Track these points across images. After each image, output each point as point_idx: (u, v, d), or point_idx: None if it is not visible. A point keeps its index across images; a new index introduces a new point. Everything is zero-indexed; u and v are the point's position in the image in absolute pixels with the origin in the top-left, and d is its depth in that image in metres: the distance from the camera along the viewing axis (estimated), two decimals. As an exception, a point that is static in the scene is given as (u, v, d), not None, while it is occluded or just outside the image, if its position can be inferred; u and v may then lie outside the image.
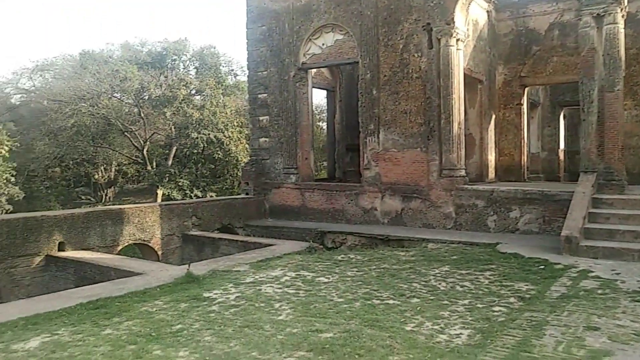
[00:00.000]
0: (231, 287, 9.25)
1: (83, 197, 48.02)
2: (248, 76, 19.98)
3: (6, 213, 30.53)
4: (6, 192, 30.42)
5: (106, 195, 48.91)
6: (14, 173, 31.82)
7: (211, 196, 37.09)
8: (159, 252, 15.39)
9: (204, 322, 7.17)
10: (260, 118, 19.40)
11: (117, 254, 14.00)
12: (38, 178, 42.22)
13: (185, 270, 10.11)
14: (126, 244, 14.65)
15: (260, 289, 9.02)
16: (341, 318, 7.20)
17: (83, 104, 37.35)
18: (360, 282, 9.31)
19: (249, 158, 22.23)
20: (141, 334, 6.72)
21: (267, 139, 19.32)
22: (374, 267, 10.62)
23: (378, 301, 8.08)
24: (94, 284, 10.38)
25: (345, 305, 7.84)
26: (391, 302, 8.04)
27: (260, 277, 9.96)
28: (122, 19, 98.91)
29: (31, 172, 40.20)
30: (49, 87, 43.46)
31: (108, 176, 49.20)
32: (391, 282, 9.26)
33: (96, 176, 47.56)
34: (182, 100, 37.47)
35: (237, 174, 41.16)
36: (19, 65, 73.11)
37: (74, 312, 7.89)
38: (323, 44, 17.65)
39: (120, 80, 37.09)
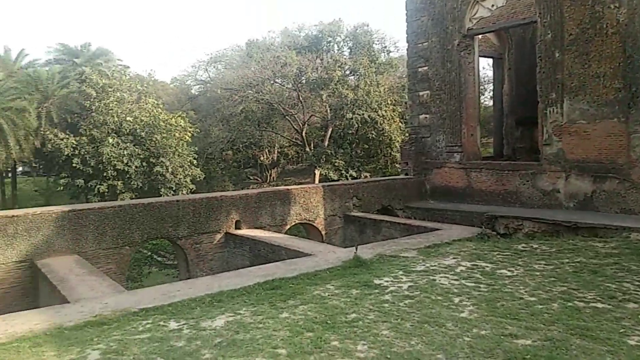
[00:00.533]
0: (402, 274, 8.70)
1: (251, 177, 52.30)
2: (407, 49, 19.02)
3: (190, 192, 34.47)
4: (190, 173, 34.28)
5: (270, 175, 52.58)
6: (196, 156, 35.67)
7: (365, 176, 37.23)
8: (323, 232, 15.61)
9: (378, 313, 6.74)
10: (420, 93, 18.38)
11: (285, 233, 14.52)
12: (214, 160, 46.96)
13: (353, 254, 9.86)
14: (293, 223, 15.13)
15: (434, 279, 8.31)
16: (538, 322, 6.14)
17: (250, 91, 40.20)
18: (553, 279, 7.99)
19: (407, 136, 21.40)
20: (317, 320, 6.55)
21: (427, 116, 18.25)
22: (567, 260, 9.10)
23: (582, 304, 6.76)
24: (267, 262, 10.77)
25: (540, 306, 6.71)
26: (600, 305, 6.67)
27: (432, 266, 9.23)
28: (284, 5, 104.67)
29: (209, 155, 44.85)
30: (221, 77, 47.79)
31: (272, 158, 52.78)
32: (594, 281, 7.76)
33: (262, 158, 51.36)
34: (337, 81, 37.96)
35: (390, 153, 40.62)
36: (197, 59, 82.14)
37: (253, 292, 8.15)
38: (493, 5, 15.83)
39: (281, 66, 38.94)
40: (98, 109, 32.12)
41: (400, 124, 39.64)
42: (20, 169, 52.30)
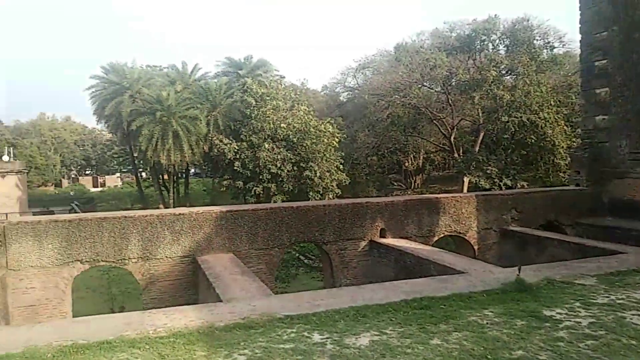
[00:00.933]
0: (579, 307, 7.25)
1: (395, 184, 51.54)
2: (580, 41, 16.55)
3: (336, 196, 35.01)
4: (336, 178, 34.86)
5: (414, 182, 51.22)
6: (342, 161, 36.20)
7: (522, 185, 33.82)
8: (475, 247, 14.27)
9: (552, 354, 5.59)
10: (597, 91, 15.80)
11: (432, 245, 13.56)
12: (359, 166, 47.24)
13: (515, 275, 8.59)
14: (442, 235, 14.10)
15: (623, 317, 6.74)
16: None
17: (396, 96, 39.56)
18: None
19: (576, 141, 18.66)
20: (475, 353, 5.66)
21: (605, 117, 15.61)
22: None
23: None
24: (413, 275, 10.00)
25: None
26: None
27: (619, 299, 7.56)
28: (435, 5, 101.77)
29: (355, 161, 45.25)
30: (369, 82, 47.97)
31: (417, 164, 51.38)
32: None
33: (406, 164, 50.30)
34: (491, 82, 35.25)
35: (552, 160, 36.30)
36: (345, 66, 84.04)
37: (400, 309, 7.50)
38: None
39: (430, 69, 37.56)
40: (257, 117, 34.45)
41: (565, 127, 35.26)
42: (192, 170, 59.10)
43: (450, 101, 38.90)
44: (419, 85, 40.58)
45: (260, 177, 34.86)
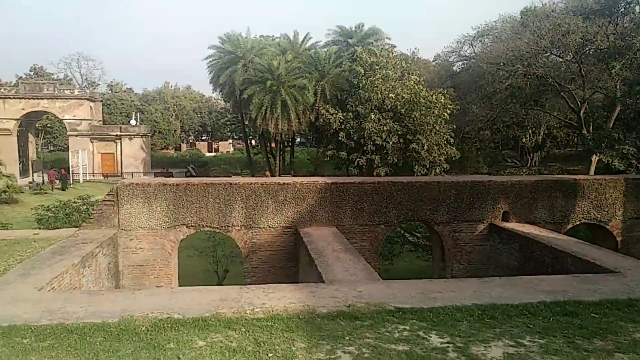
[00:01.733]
0: None
1: (508, 160, 47.46)
2: None
3: (443, 171, 32.91)
4: (445, 152, 32.65)
5: (532, 159, 46.66)
6: (452, 134, 33.78)
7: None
8: (618, 239, 11.96)
9: None
10: None
11: (564, 233, 11.55)
12: (470, 140, 44.07)
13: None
14: (577, 222, 11.98)
15: None
16: None
17: (519, 65, 35.66)
18: None
19: None
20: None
21: None
22: None
23: None
24: (543, 269, 8.37)
25: None
26: None
27: None
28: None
29: (465, 134, 42.24)
30: (488, 51, 44.04)
31: (535, 140, 46.64)
32: None
33: (523, 140, 45.89)
34: (637, 50, 30.14)
35: None
36: (462, 34, 78.62)
37: (538, 314, 6.07)
38: None
39: (562, 35, 33.10)
40: (365, 86, 33.24)
41: None
42: (298, 140, 59.84)
43: (582, 71, 34.16)
44: (547, 54, 36.19)
45: (365, 148, 33.78)
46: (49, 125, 59.37)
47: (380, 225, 11.43)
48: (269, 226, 10.92)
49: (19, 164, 42.20)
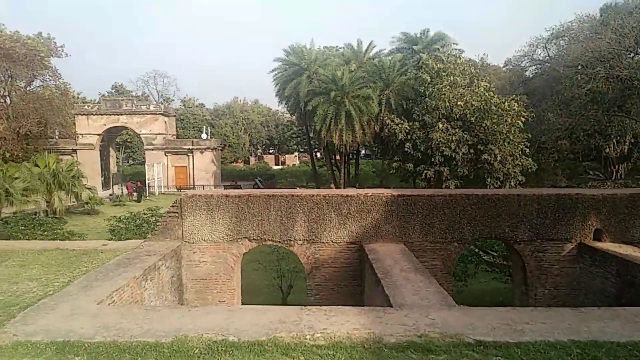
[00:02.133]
0: None
1: (590, 172, 43.93)
2: None
3: (519, 184, 30.90)
4: (520, 163, 30.64)
5: (617, 171, 42.82)
6: (528, 144, 31.70)
7: None
8: None
9: None
10: None
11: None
12: (547, 150, 41.31)
13: None
14: (686, 243, 10.33)
15: None
16: None
17: (600, 67, 32.90)
18: None
19: None
20: None
21: None
22: None
23: None
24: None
25: None
26: None
27: None
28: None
29: (541, 144, 39.62)
30: (564, 53, 41.22)
31: (620, 150, 42.76)
32: None
33: (607, 150, 42.22)
34: None
35: None
36: (534, 36, 74.67)
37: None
38: None
39: (650, 33, 30.16)
40: (431, 94, 32.10)
41: None
42: (362, 152, 59.17)
43: (676, 72, 30.89)
44: (631, 54, 33.14)
45: (432, 159, 32.49)
46: (128, 140, 63.10)
47: (453, 243, 10.50)
48: (332, 241, 10.37)
49: (101, 177, 44.94)
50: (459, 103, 31.39)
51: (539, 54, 47.46)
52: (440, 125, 32.38)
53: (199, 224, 10.33)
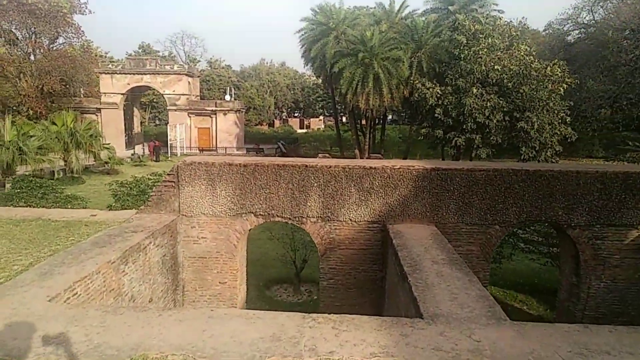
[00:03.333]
0: None
1: (630, 143, 40.62)
2: None
3: (556, 154, 28.50)
4: (559, 132, 28.10)
5: (661, 143, 39.43)
6: (568, 112, 29.03)
7: None
8: None
9: None
10: None
11: None
12: (585, 119, 38.26)
13: None
14: None
15: None
16: None
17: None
18: None
19: None
20: None
21: None
22: None
23: None
24: None
25: None
26: None
27: None
28: None
29: (581, 113, 36.60)
30: (612, 16, 37.44)
31: (666, 120, 39.27)
32: None
33: (650, 120, 38.83)
34: None
35: None
36: None
37: None
38: None
39: None
40: (466, 57, 29.44)
41: None
42: (389, 117, 56.63)
43: None
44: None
45: (464, 126, 30.16)
46: (155, 100, 62.11)
47: (493, 226, 8.75)
48: (350, 220, 8.76)
49: (125, 136, 44.18)
50: (495, 67, 28.71)
51: (584, 17, 43.46)
52: (475, 91, 29.88)
53: (198, 196, 8.85)
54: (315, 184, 8.75)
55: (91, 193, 18.27)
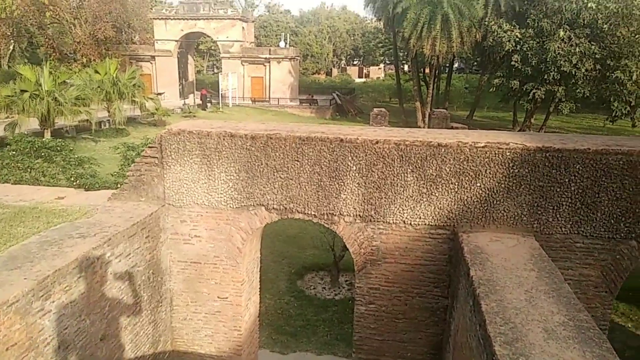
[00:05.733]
0: None
1: None
2: None
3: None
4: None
5: None
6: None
7: None
8: None
9: None
10: None
11: None
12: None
13: None
14: None
15: None
16: None
17: None
18: None
19: None
20: None
21: None
22: None
23: None
24: None
25: None
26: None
27: None
28: None
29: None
30: None
31: None
32: None
33: None
34: None
35: None
36: None
37: None
38: None
39: None
40: (557, -7, 24.14)
41: None
42: (455, 65, 50.89)
43: None
44: None
45: (545, 76, 25.36)
46: (212, 47, 59.82)
47: (628, 241, 5.47)
48: (404, 222, 5.79)
49: (179, 85, 42.51)
50: (589, 5, 23.29)
51: None
52: (562, 34, 24.77)
53: (190, 179, 6.20)
54: (354, 168, 5.79)
55: (107, 154, 16.28)
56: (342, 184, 5.87)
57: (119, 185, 7.98)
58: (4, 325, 3.77)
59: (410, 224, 5.81)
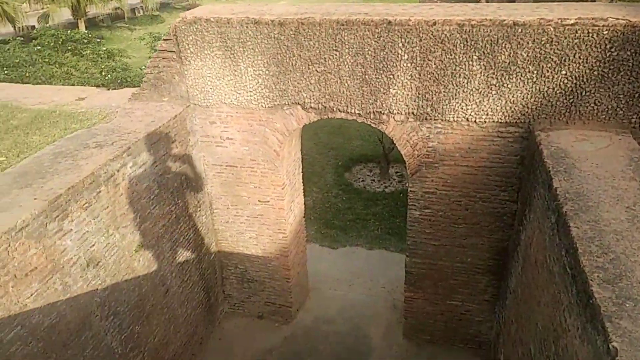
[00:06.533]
0: None
1: None
2: None
3: None
4: None
5: None
6: None
7: None
8: None
9: None
10: None
11: None
12: None
13: None
14: None
15: None
16: None
17: None
18: None
19: None
20: None
21: None
22: None
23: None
24: None
25: None
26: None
27: None
28: None
29: None
30: None
31: None
32: None
33: None
34: None
35: None
36: None
37: None
38: None
39: None
40: None
41: None
42: None
43: None
44: None
45: None
46: None
47: None
48: (467, 119, 4.82)
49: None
50: None
51: None
52: None
53: (213, 75, 5.35)
54: (406, 57, 4.71)
55: (139, 43, 15.23)
56: (392, 76, 4.84)
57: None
58: (17, 252, 3.40)
59: (475, 121, 4.83)
